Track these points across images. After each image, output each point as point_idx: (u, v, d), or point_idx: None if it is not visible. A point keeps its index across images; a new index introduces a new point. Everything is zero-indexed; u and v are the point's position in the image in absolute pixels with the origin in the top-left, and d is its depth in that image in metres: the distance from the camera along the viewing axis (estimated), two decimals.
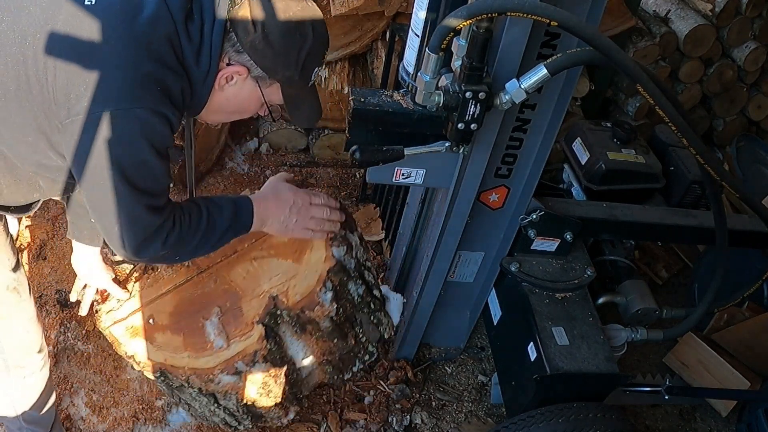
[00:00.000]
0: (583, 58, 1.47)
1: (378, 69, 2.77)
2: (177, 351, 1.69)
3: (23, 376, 1.68)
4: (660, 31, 3.08)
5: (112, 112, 1.20)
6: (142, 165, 1.27)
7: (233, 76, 1.36)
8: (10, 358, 1.64)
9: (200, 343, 1.69)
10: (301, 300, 1.70)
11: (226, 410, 1.79)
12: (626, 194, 2.24)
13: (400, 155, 1.59)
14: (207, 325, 1.71)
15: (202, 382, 1.68)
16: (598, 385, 1.89)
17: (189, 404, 1.82)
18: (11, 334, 1.62)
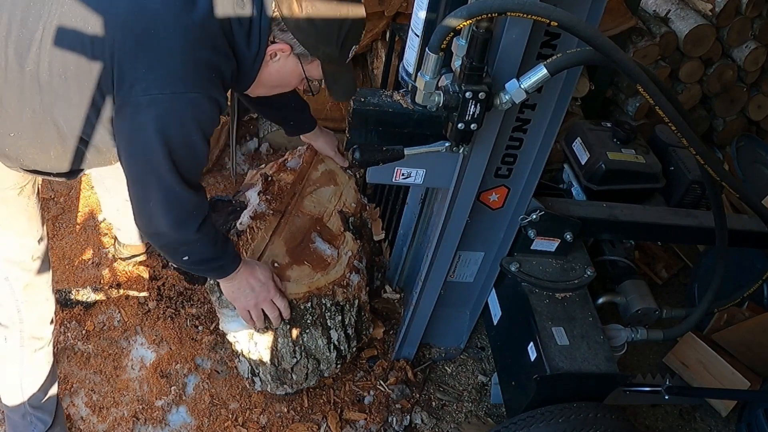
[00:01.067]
0: (583, 58, 1.47)
1: (378, 69, 2.77)
2: (311, 276, 1.97)
3: (35, 349, 1.74)
4: (660, 31, 3.08)
5: (170, 95, 1.29)
6: (189, 146, 1.36)
7: (277, 53, 1.45)
8: (27, 328, 1.69)
9: (322, 262, 2.03)
10: (356, 205, 2.29)
11: (344, 331, 2.03)
12: (626, 194, 2.24)
13: (400, 155, 1.59)
14: (318, 246, 2.07)
15: (341, 292, 1.98)
16: (598, 385, 1.89)
17: (306, 353, 1.99)
18: (33, 304, 1.68)
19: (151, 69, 1.28)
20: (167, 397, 2.13)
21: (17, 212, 1.55)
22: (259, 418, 2.13)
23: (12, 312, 1.66)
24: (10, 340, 1.70)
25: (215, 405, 2.14)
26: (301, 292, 1.91)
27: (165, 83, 1.29)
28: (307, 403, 2.17)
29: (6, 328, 1.69)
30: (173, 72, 1.29)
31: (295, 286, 1.92)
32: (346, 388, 2.24)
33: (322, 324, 1.97)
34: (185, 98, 1.31)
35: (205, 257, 1.59)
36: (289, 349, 1.95)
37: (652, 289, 2.27)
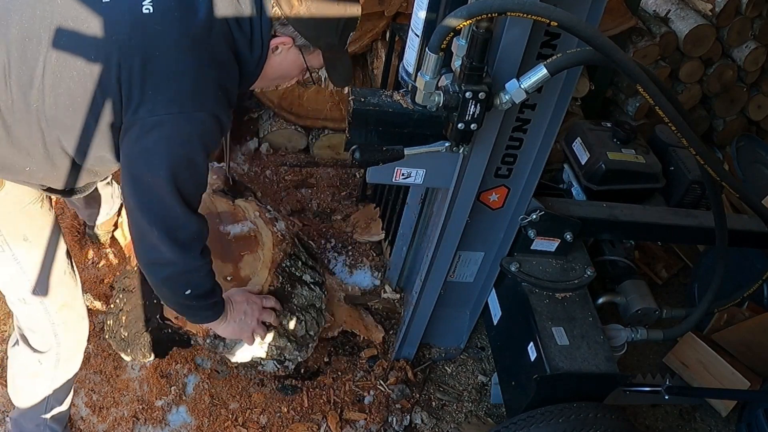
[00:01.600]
0: (583, 58, 1.47)
1: (378, 69, 2.77)
2: (257, 258, 1.95)
3: (69, 372, 1.73)
4: (660, 31, 3.08)
5: (177, 114, 1.30)
6: (192, 166, 1.36)
7: (278, 47, 1.46)
8: (64, 351, 1.68)
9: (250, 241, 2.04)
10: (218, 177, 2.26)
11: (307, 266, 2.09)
12: (626, 194, 2.23)
13: (400, 155, 1.59)
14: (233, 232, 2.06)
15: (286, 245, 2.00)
16: (598, 385, 1.89)
17: (304, 310, 2.02)
18: (70, 326, 1.66)
19: (157, 90, 1.29)
20: (167, 397, 2.13)
21: (44, 225, 1.54)
22: (259, 418, 2.13)
23: (49, 337, 1.63)
24: (45, 363, 1.67)
25: (215, 405, 2.14)
26: (266, 276, 1.95)
27: (171, 103, 1.30)
28: (307, 403, 2.17)
29: (42, 354, 1.66)
30: (180, 91, 1.30)
31: (258, 277, 1.95)
32: (346, 388, 2.24)
33: (297, 279, 2.04)
34: (191, 117, 1.32)
35: (207, 289, 1.56)
36: (293, 322, 1.98)
37: (652, 289, 2.27)
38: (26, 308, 1.58)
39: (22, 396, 1.77)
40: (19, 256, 1.49)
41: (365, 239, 2.62)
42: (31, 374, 1.71)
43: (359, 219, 2.70)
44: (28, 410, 1.78)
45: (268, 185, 2.90)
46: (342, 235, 2.64)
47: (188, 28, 1.32)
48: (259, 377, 2.21)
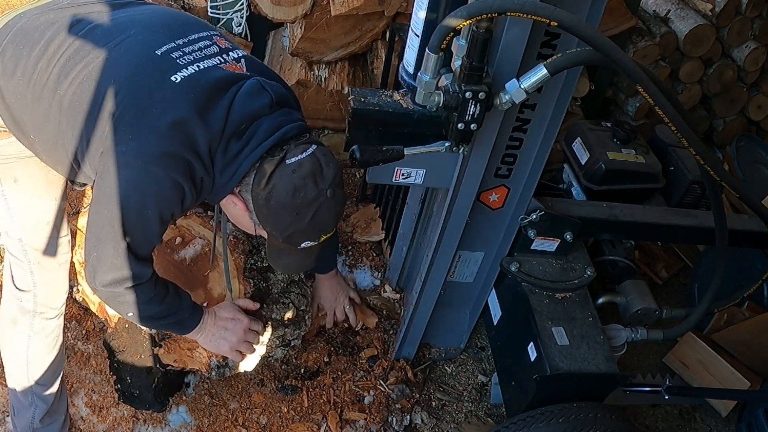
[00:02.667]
0: (582, 58, 1.47)
1: (378, 69, 2.77)
2: (221, 273, 1.91)
3: (46, 318, 1.79)
4: (660, 31, 3.08)
5: (141, 166, 1.37)
6: (143, 218, 1.43)
7: (237, 203, 1.50)
8: (41, 293, 1.76)
9: (209, 257, 1.96)
10: None
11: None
12: (626, 194, 2.23)
13: (400, 155, 1.59)
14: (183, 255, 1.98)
15: (241, 245, 1.97)
16: (598, 385, 1.89)
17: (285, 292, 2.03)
18: (45, 269, 1.74)
19: (135, 138, 1.38)
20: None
21: (38, 176, 1.62)
22: (259, 418, 2.13)
23: (26, 275, 1.72)
24: (25, 303, 1.76)
25: (215, 405, 2.14)
26: (238, 285, 1.91)
27: (141, 155, 1.37)
28: (307, 403, 2.17)
29: (22, 292, 1.75)
30: (150, 150, 1.37)
31: (233, 291, 1.91)
32: (346, 388, 2.24)
33: (267, 269, 2.02)
34: (153, 175, 1.38)
35: (152, 315, 1.61)
36: (280, 310, 2.00)
37: (652, 289, 2.27)
38: (9, 241, 1.68)
39: (6, 350, 1.85)
40: (7, 193, 1.61)
41: (365, 239, 2.62)
42: (13, 319, 1.79)
43: (359, 219, 2.70)
44: (13, 373, 1.85)
45: None
46: (342, 235, 2.64)
47: (192, 112, 1.38)
48: (259, 377, 2.21)
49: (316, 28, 2.75)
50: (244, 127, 1.43)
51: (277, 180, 1.42)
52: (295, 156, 1.43)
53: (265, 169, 1.43)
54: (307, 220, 1.45)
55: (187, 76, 1.40)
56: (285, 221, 1.45)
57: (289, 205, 1.43)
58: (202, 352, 1.89)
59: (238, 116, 1.42)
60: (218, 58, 1.48)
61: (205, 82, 1.41)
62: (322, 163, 1.45)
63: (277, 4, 2.80)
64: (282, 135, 1.45)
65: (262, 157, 1.44)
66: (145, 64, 1.41)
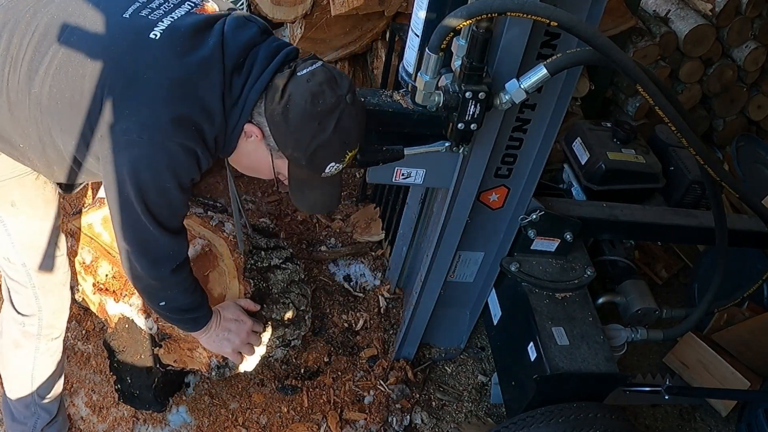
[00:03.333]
0: (582, 58, 1.47)
1: (378, 69, 2.77)
2: (222, 273, 1.91)
3: (51, 338, 1.77)
4: (660, 31, 3.08)
5: (147, 141, 1.30)
6: (162, 192, 1.36)
7: (251, 134, 1.40)
8: (46, 316, 1.72)
9: (209, 256, 1.96)
10: None
11: (270, 249, 2.06)
12: (626, 194, 2.24)
13: (400, 155, 1.59)
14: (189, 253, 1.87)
15: (242, 245, 1.94)
16: (598, 385, 1.89)
17: (285, 292, 2.03)
18: (50, 291, 1.71)
19: (134, 112, 1.30)
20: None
21: (35, 196, 1.57)
22: (259, 418, 2.13)
23: (30, 299, 1.69)
24: (29, 327, 1.73)
25: (215, 405, 2.14)
26: (237, 286, 1.90)
27: (143, 128, 1.30)
28: (307, 403, 2.17)
29: (25, 317, 1.72)
30: (153, 120, 1.30)
31: (232, 291, 1.90)
32: (346, 388, 2.24)
33: (267, 269, 2.03)
34: (161, 146, 1.31)
35: (181, 306, 1.59)
36: (280, 310, 1.99)
37: (652, 289, 2.27)
38: (11, 268, 1.64)
39: (8, 369, 1.82)
40: (5, 218, 1.56)
41: (365, 239, 2.62)
42: (15, 342, 1.75)
43: (359, 219, 2.70)
44: (16, 387, 1.82)
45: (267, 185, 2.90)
46: (342, 235, 2.64)
47: (180, 62, 1.31)
48: (259, 377, 2.21)
49: (316, 28, 2.75)
50: (242, 60, 1.36)
51: (293, 90, 1.32)
52: (306, 68, 1.34)
53: (277, 84, 1.34)
54: (331, 130, 1.33)
55: (165, 28, 1.32)
56: (307, 134, 1.33)
57: (309, 112, 1.32)
58: (202, 353, 1.89)
59: (233, 49, 1.34)
60: (188, 4, 1.40)
61: (186, 28, 1.33)
62: (334, 72, 1.36)
63: (277, 4, 2.80)
64: (284, 56, 1.38)
65: (272, 76, 1.36)
66: (117, 32, 1.32)
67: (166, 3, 1.39)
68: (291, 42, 2.84)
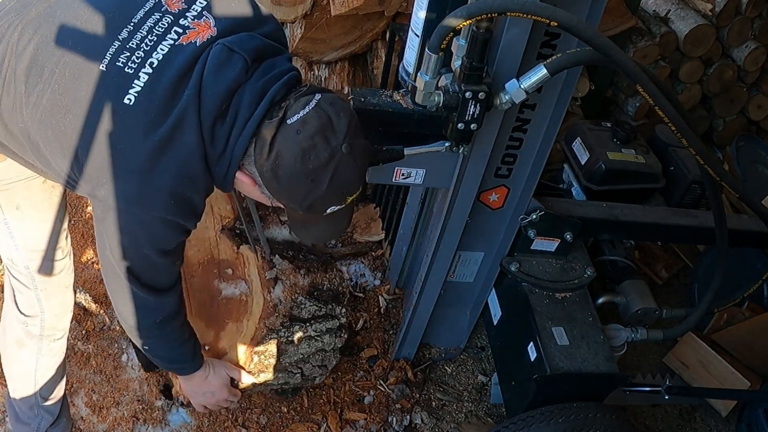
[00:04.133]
0: (582, 58, 1.46)
1: (378, 69, 2.77)
2: (239, 331, 1.86)
3: (54, 339, 1.77)
4: (660, 31, 3.08)
5: (124, 210, 1.28)
6: (143, 258, 1.35)
7: (244, 181, 1.34)
8: (48, 318, 1.73)
9: (240, 306, 1.90)
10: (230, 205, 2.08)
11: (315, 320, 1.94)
12: (626, 194, 2.23)
13: (400, 155, 1.59)
14: (226, 293, 1.93)
15: (276, 318, 1.85)
16: (598, 385, 1.89)
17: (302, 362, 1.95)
18: (53, 293, 1.72)
19: (114, 179, 1.26)
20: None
21: (41, 200, 1.57)
22: (259, 418, 2.13)
23: (33, 301, 1.69)
24: (31, 328, 1.73)
25: None
26: (244, 353, 1.83)
27: (119, 198, 1.27)
28: (307, 403, 2.17)
29: (28, 317, 1.72)
30: (127, 193, 1.27)
31: (232, 354, 1.84)
32: (346, 388, 2.24)
33: (288, 343, 1.91)
34: (137, 218, 1.29)
35: (164, 355, 1.60)
36: (284, 377, 1.94)
37: (652, 289, 2.27)
38: (14, 269, 1.64)
39: (12, 368, 1.82)
40: (9, 221, 1.55)
41: (365, 239, 2.62)
42: (18, 341, 1.76)
43: (359, 219, 2.70)
44: (19, 388, 1.83)
45: None
46: (342, 235, 2.64)
47: (160, 134, 1.22)
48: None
49: (316, 28, 2.75)
50: (225, 106, 1.24)
51: (281, 146, 1.22)
52: (297, 113, 1.23)
53: (264, 135, 1.23)
54: (326, 186, 1.24)
55: (141, 89, 1.22)
56: (300, 192, 1.26)
57: (300, 172, 1.23)
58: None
59: (211, 100, 1.23)
60: (174, 32, 1.26)
61: (163, 88, 1.22)
62: (330, 114, 1.23)
63: (277, 4, 2.79)
64: (272, 98, 1.26)
65: (259, 124, 1.25)
66: (94, 91, 1.23)
67: (150, 35, 1.26)
68: (291, 42, 2.84)
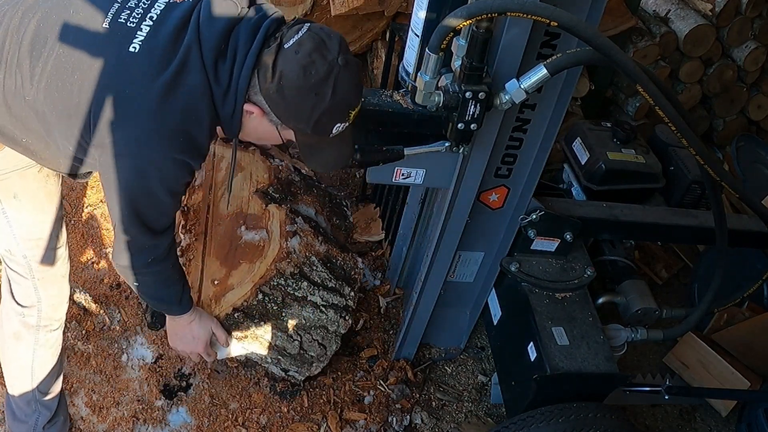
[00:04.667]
0: (583, 58, 1.47)
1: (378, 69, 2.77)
2: (250, 270, 1.94)
3: (50, 330, 1.80)
4: (660, 31, 3.08)
5: (134, 155, 1.35)
6: (151, 199, 1.41)
7: (252, 112, 1.41)
8: (45, 308, 1.76)
9: (256, 250, 1.99)
10: (269, 173, 2.24)
11: (323, 288, 2.02)
12: (626, 194, 2.24)
13: (400, 155, 1.59)
14: (246, 239, 2.03)
15: (288, 264, 1.94)
16: (598, 385, 1.89)
17: (303, 329, 2.00)
18: (50, 283, 1.74)
19: (120, 127, 1.33)
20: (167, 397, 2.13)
21: (37, 189, 1.60)
22: (259, 418, 2.13)
23: (30, 291, 1.72)
24: (28, 319, 1.76)
25: (215, 405, 2.14)
26: (246, 291, 1.90)
27: (130, 142, 1.34)
28: (307, 403, 2.17)
29: (25, 308, 1.74)
30: (137, 136, 1.34)
31: (239, 290, 1.91)
32: (346, 388, 2.24)
33: (294, 298, 1.97)
34: (148, 159, 1.36)
35: (153, 294, 1.66)
36: (282, 338, 1.97)
37: (652, 289, 2.27)
38: (12, 260, 1.67)
39: (9, 363, 1.84)
40: (8, 211, 1.58)
41: (365, 239, 2.62)
42: (15, 334, 1.78)
43: (359, 219, 2.70)
44: (17, 383, 1.84)
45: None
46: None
47: (159, 74, 1.31)
48: (258, 377, 2.21)
49: None
50: (224, 46, 1.34)
51: (283, 66, 1.32)
52: (292, 38, 1.33)
53: (266, 62, 1.33)
54: (329, 97, 1.33)
55: (144, 39, 1.32)
56: (307, 107, 1.34)
57: (304, 86, 1.32)
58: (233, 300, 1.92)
59: (210, 41, 1.33)
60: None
61: (163, 38, 1.32)
62: (322, 36, 1.33)
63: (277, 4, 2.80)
64: (266, 30, 1.36)
65: (258, 54, 1.34)
66: (99, 47, 1.33)
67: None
68: None
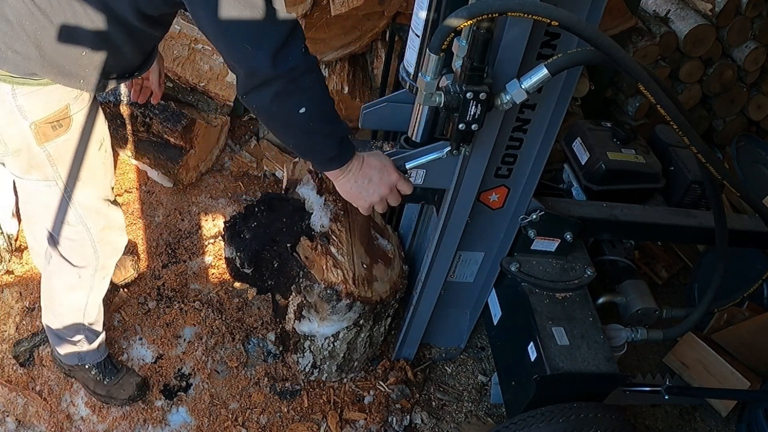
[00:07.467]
0: (583, 58, 1.46)
1: (378, 69, 2.77)
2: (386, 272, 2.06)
3: (104, 276, 1.89)
4: (660, 31, 3.08)
5: None
6: None
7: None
8: (102, 259, 1.82)
9: (386, 257, 2.10)
10: None
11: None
12: (626, 194, 2.24)
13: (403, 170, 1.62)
14: (380, 243, 2.14)
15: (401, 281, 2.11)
16: (598, 385, 1.89)
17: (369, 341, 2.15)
18: (108, 242, 1.80)
19: None
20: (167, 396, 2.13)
21: (96, 166, 1.67)
22: (259, 418, 2.13)
23: (89, 253, 1.78)
24: (84, 276, 1.82)
25: (215, 405, 2.14)
26: (387, 290, 2.02)
27: None
28: (307, 403, 2.17)
29: (81, 268, 1.80)
30: None
31: (381, 285, 2.01)
32: (346, 388, 2.24)
33: (380, 318, 2.12)
34: None
35: (323, 108, 1.42)
36: (363, 342, 2.11)
37: (652, 289, 2.27)
38: (70, 230, 1.72)
39: (61, 308, 1.90)
40: (63, 176, 1.61)
41: None
42: (70, 286, 1.85)
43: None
44: (67, 319, 1.91)
45: (267, 184, 2.90)
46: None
47: None
48: (258, 377, 2.21)
49: (316, 28, 2.75)
50: None
51: None
52: None
53: None
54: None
55: None
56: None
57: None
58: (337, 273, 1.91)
59: None
60: None
61: None
62: None
63: None
64: None
65: None
66: None
67: None
68: None
